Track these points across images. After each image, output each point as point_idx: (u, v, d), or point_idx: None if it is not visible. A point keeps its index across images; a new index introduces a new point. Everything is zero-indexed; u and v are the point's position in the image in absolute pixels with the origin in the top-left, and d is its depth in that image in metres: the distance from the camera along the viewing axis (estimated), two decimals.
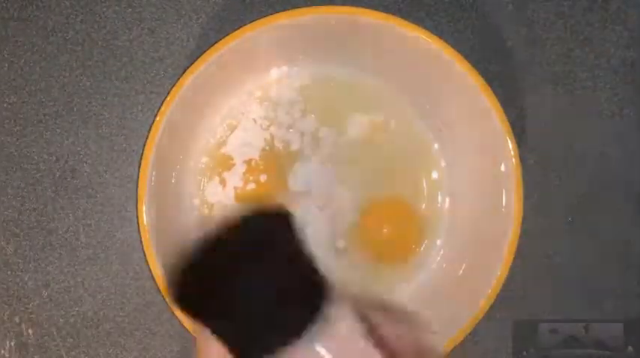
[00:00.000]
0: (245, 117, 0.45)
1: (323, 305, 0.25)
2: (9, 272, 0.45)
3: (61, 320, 0.45)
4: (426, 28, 0.40)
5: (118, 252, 0.46)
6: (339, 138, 0.45)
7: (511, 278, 0.40)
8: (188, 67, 0.40)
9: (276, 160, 0.45)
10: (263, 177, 0.44)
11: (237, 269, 0.25)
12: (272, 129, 0.45)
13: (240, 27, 0.40)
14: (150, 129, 0.40)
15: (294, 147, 0.45)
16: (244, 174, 0.44)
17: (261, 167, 0.44)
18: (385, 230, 0.45)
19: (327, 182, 0.44)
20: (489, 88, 0.40)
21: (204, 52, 0.40)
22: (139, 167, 0.40)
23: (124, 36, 0.46)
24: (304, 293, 0.25)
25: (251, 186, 0.44)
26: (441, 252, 0.45)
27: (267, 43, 0.42)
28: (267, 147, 0.45)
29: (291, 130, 0.45)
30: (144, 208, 0.40)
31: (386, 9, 0.44)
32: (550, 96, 0.47)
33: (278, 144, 0.45)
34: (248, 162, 0.44)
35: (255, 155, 0.44)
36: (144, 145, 0.40)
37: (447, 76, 0.41)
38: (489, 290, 0.40)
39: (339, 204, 0.44)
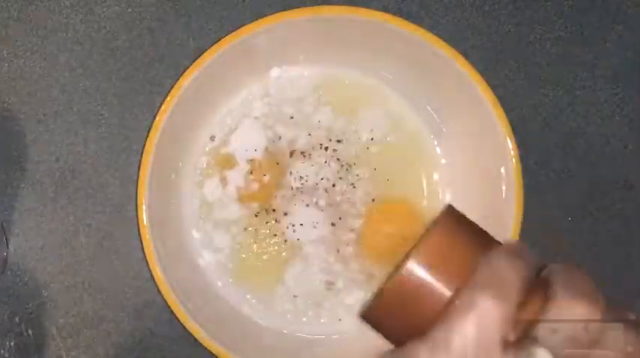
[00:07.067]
0: (247, 117, 0.45)
1: None
2: (9, 273, 0.45)
3: (61, 320, 0.45)
4: (426, 28, 0.40)
5: (118, 252, 0.46)
6: (351, 136, 0.45)
7: None
8: (188, 67, 0.40)
9: (279, 158, 0.44)
10: (266, 177, 0.44)
11: None
12: (276, 127, 0.45)
13: (240, 27, 0.40)
14: (150, 129, 0.40)
15: (299, 144, 0.45)
16: (247, 173, 0.44)
17: (265, 166, 0.44)
18: (388, 229, 0.44)
19: (330, 181, 0.44)
20: (489, 88, 0.40)
21: (204, 52, 0.40)
22: (139, 167, 0.40)
23: (124, 36, 0.46)
24: None
25: (254, 185, 0.44)
26: None
27: (267, 43, 0.42)
28: (271, 146, 0.45)
29: (297, 126, 0.45)
30: (144, 208, 0.40)
31: (386, 9, 0.44)
32: (550, 96, 0.47)
33: (282, 142, 0.45)
34: (251, 161, 0.44)
35: (259, 154, 0.44)
36: (144, 145, 0.40)
37: (447, 76, 0.41)
38: None
39: (342, 204, 0.44)
